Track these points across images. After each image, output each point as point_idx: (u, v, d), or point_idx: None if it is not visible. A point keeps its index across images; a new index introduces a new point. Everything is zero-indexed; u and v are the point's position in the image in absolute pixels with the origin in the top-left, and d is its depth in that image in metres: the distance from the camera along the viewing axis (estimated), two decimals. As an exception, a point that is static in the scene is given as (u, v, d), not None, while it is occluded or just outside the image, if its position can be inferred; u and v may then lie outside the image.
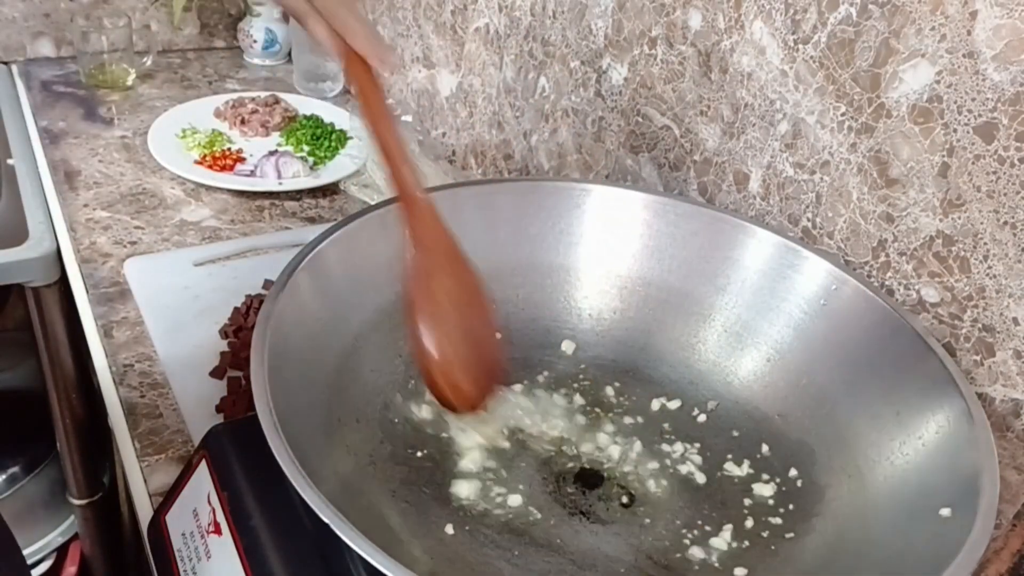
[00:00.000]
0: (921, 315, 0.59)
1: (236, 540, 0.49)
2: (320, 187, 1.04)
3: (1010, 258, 0.54)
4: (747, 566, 0.53)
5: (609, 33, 0.82)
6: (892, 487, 0.52)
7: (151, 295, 0.83)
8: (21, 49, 1.31)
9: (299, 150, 1.11)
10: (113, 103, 1.22)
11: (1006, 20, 0.51)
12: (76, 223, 0.94)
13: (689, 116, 0.75)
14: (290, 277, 0.54)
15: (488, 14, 0.99)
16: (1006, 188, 0.53)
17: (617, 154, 0.84)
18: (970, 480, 0.46)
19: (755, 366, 0.64)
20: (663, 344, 0.67)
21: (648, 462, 0.60)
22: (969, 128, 0.54)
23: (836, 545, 0.52)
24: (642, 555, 0.54)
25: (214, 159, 1.06)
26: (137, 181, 1.03)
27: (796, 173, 0.67)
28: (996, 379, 0.56)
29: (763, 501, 0.58)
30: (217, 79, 1.35)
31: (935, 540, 0.45)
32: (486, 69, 1.02)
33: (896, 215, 0.60)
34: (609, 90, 0.83)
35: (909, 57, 0.57)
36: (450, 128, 1.13)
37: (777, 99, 0.67)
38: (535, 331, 0.68)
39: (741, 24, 0.68)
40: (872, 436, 0.55)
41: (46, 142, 1.09)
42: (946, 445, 0.50)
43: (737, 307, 0.65)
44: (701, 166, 0.75)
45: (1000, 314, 0.55)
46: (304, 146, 1.12)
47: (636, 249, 0.68)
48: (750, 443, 0.61)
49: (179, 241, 0.93)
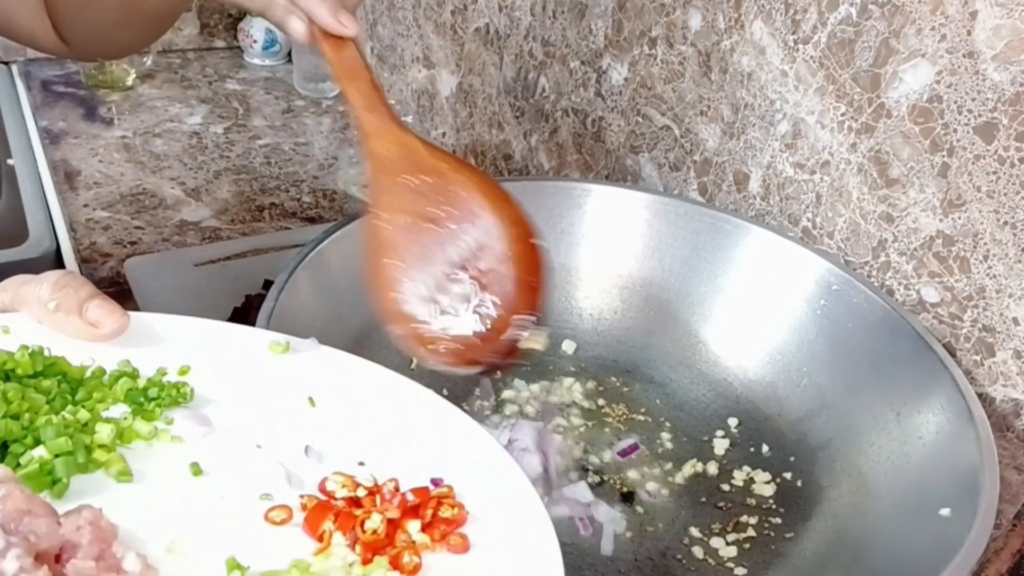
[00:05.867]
0: (921, 315, 0.59)
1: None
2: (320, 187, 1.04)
3: (1010, 258, 0.54)
4: (747, 566, 0.53)
5: (609, 33, 0.81)
6: (892, 487, 0.52)
7: (151, 295, 0.83)
8: (21, 49, 1.31)
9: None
10: (113, 103, 1.22)
11: (1006, 20, 0.51)
12: (76, 223, 0.94)
13: (689, 116, 0.75)
14: (290, 277, 0.54)
15: (488, 14, 0.99)
16: (1006, 188, 0.53)
17: (617, 154, 0.84)
18: (970, 480, 0.46)
19: (755, 366, 0.64)
20: (663, 344, 0.67)
21: (648, 462, 0.60)
22: (969, 128, 0.54)
23: (836, 545, 0.52)
24: (642, 555, 0.54)
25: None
26: (137, 181, 1.03)
27: (796, 173, 0.67)
28: (996, 379, 0.56)
29: (763, 501, 0.58)
30: (217, 79, 1.35)
31: (935, 540, 0.45)
32: (486, 69, 1.02)
33: (896, 215, 0.60)
34: (609, 90, 0.83)
35: (909, 57, 0.57)
36: (450, 128, 1.13)
37: (777, 99, 0.67)
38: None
39: (741, 24, 0.68)
40: (872, 436, 0.55)
41: (46, 142, 1.09)
42: (946, 445, 0.50)
43: (737, 307, 0.65)
44: (701, 166, 0.75)
45: (1000, 314, 0.55)
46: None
47: (637, 249, 0.68)
48: (750, 443, 0.61)
49: (179, 241, 0.93)
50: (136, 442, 0.38)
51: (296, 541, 0.35)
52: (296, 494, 0.37)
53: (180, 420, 0.40)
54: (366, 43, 1.28)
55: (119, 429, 0.38)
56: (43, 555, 0.30)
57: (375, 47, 1.25)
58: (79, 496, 0.35)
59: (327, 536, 0.35)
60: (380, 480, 0.38)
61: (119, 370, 0.41)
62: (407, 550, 0.35)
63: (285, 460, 0.39)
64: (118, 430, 0.38)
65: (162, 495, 0.36)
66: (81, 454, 0.36)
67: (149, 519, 0.35)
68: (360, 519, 0.36)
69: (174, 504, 0.36)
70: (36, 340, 0.40)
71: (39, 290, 0.42)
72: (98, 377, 0.40)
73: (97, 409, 0.39)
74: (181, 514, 0.36)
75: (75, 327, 0.41)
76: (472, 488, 0.39)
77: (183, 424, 0.40)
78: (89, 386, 0.40)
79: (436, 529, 0.36)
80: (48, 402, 0.38)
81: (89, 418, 0.38)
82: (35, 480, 0.35)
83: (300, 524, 0.36)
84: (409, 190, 0.46)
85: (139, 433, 0.39)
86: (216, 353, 0.43)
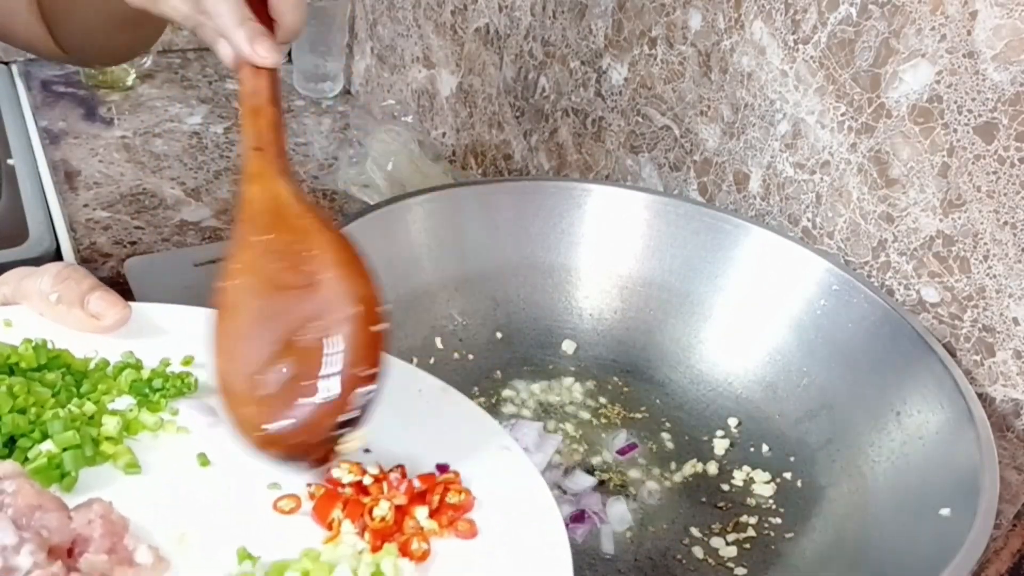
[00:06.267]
0: (921, 315, 0.59)
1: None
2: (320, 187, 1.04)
3: (1010, 258, 0.54)
4: (747, 566, 0.53)
5: (609, 33, 0.81)
6: (892, 487, 0.52)
7: (151, 295, 0.82)
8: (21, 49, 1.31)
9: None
10: (113, 103, 1.22)
11: (1006, 20, 0.51)
12: (76, 223, 0.94)
13: (689, 116, 0.75)
14: (290, 277, 0.53)
15: (488, 14, 0.99)
16: (1006, 188, 0.53)
17: (617, 154, 0.84)
18: (970, 480, 0.46)
19: (755, 366, 0.64)
20: (663, 344, 0.67)
21: (648, 461, 0.60)
22: (969, 128, 0.54)
23: (836, 545, 0.52)
24: (642, 555, 0.54)
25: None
26: (137, 181, 1.03)
27: (796, 173, 0.67)
28: (996, 379, 0.56)
29: (763, 501, 0.58)
30: (217, 79, 1.35)
31: (935, 540, 0.45)
32: (486, 69, 1.02)
33: (896, 215, 0.60)
34: (609, 90, 0.83)
35: (909, 57, 0.57)
36: (450, 128, 1.13)
37: (777, 99, 0.67)
38: (536, 331, 0.69)
39: (741, 24, 0.68)
40: (872, 436, 0.55)
41: (46, 142, 1.09)
42: (946, 445, 0.50)
43: (737, 307, 0.65)
44: (701, 166, 0.75)
45: (1000, 314, 0.55)
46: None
47: (637, 249, 0.68)
48: (750, 443, 0.61)
49: (179, 241, 0.93)
50: (142, 433, 0.39)
51: (305, 530, 0.36)
52: (303, 482, 0.37)
53: (186, 410, 0.40)
54: (366, 43, 1.28)
55: (125, 421, 0.38)
56: (56, 549, 0.30)
57: (375, 47, 1.25)
58: (88, 489, 0.35)
59: (336, 524, 0.36)
60: (386, 467, 0.38)
61: (123, 361, 0.41)
62: (416, 536, 0.35)
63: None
64: (124, 422, 0.38)
65: (170, 486, 0.36)
66: (88, 447, 0.36)
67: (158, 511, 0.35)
68: (368, 507, 0.36)
69: (183, 495, 0.36)
70: (38, 333, 0.40)
71: (40, 283, 0.42)
72: (102, 369, 0.41)
73: (103, 401, 0.39)
74: (190, 505, 0.36)
75: (77, 319, 0.41)
76: (478, 474, 0.39)
77: (189, 414, 0.40)
78: (94, 378, 0.40)
79: (444, 515, 0.36)
80: (54, 395, 0.38)
81: (95, 411, 0.38)
82: (44, 474, 0.35)
83: (308, 513, 0.36)
84: (263, 248, 0.42)
85: (145, 424, 0.39)
86: None
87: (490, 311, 0.68)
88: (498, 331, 0.68)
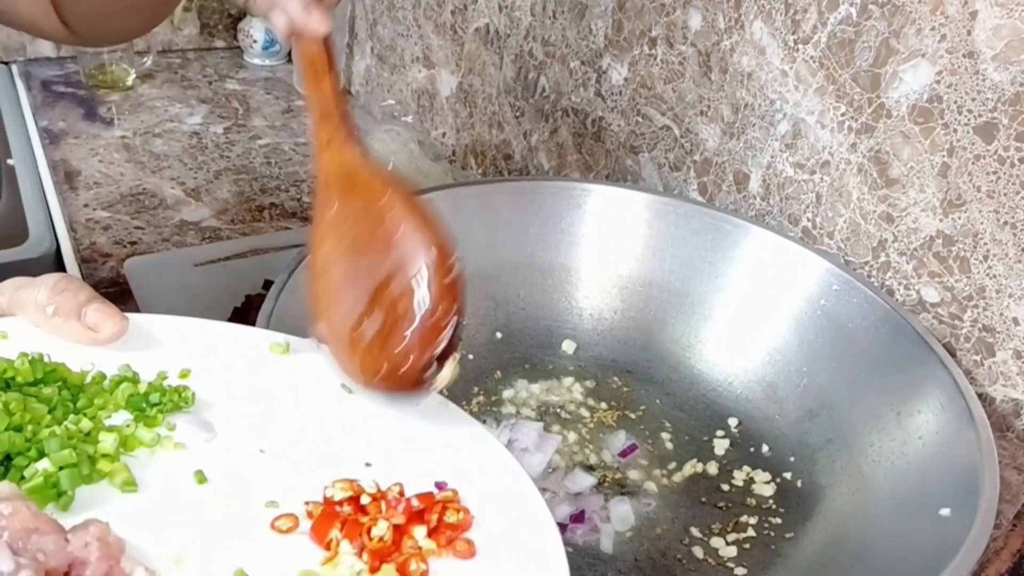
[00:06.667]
0: (921, 315, 0.59)
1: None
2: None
3: (1010, 258, 0.54)
4: (747, 566, 0.53)
5: (609, 33, 0.81)
6: (892, 487, 0.52)
7: (151, 295, 0.83)
8: (21, 49, 1.31)
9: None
10: (113, 103, 1.22)
11: (1006, 20, 0.51)
12: (76, 223, 0.94)
13: (689, 116, 0.75)
14: (290, 277, 0.54)
15: (488, 14, 0.99)
16: (1006, 188, 0.53)
17: (617, 154, 0.84)
18: (970, 480, 0.46)
19: (755, 366, 0.64)
20: (663, 344, 0.67)
21: (648, 462, 0.60)
22: (969, 128, 0.54)
23: (836, 545, 0.52)
24: (642, 554, 0.54)
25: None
26: (137, 181, 1.03)
27: (796, 173, 0.67)
28: (996, 379, 0.56)
29: (763, 501, 0.58)
30: (217, 79, 1.35)
31: (935, 540, 0.45)
32: (486, 69, 1.02)
33: (896, 215, 0.60)
34: (609, 90, 0.83)
35: (909, 57, 0.57)
36: (450, 128, 1.13)
37: (777, 99, 0.67)
38: (536, 331, 0.69)
39: (741, 24, 0.68)
40: (872, 436, 0.55)
41: (46, 142, 1.09)
42: (946, 445, 0.50)
43: (737, 307, 0.65)
44: (701, 166, 0.75)
45: (1000, 314, 0.55)
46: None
47: (637, 249, 0.68)
48: (750, 443, 0.61)
49: (179, 241, 0.93)
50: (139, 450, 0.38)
51: (303, 550, 0.35)
52: (301, 501, 0.37)
53: (182, 426, 0.39)
54: (366, 43, 1.28)
55: (122, 437, 0.38)
56: (52, 573, 0.30)
57: (375, 47, 1.25)
58: (84, 508, 0.35)
59: (334, 544, 0.35)
60: (384, 484, 0.38)
61: (119, 375, 0.40)
62: (414, 557, 0.35)
63: (288, 465, 0.38)
64: (121, 438, 0.38)
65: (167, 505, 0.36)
66: (85, 465, 0.36)
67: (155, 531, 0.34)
68: (366, 526, 0.36)
69: (179, 514, 0.36)
70: (34, 345, 0.40)
71: (37, 294, 0.41)
72: (98, 383, 0.40)
73: (99, 417, 0.39)
74: (187, 524, 0.35)
75: (74, 331, 0.41)
76: (476, 491, 0.38)
77: (185, 430, 0.39)
78: (90, 392, 0.39)
79: (442, 535, 0.36)
80: (50, 411, 0.38)
81: (92, 427, 0.38)
82: (40, 494, 0.34)
83: (306, 532, 0.36)
84: (341, 212, 0.45)
85: (142, 441, 0.38)
86: (216, 355, 0.43)
87: (490, 311, 0.68)
88: (498, 331, 0.68)
